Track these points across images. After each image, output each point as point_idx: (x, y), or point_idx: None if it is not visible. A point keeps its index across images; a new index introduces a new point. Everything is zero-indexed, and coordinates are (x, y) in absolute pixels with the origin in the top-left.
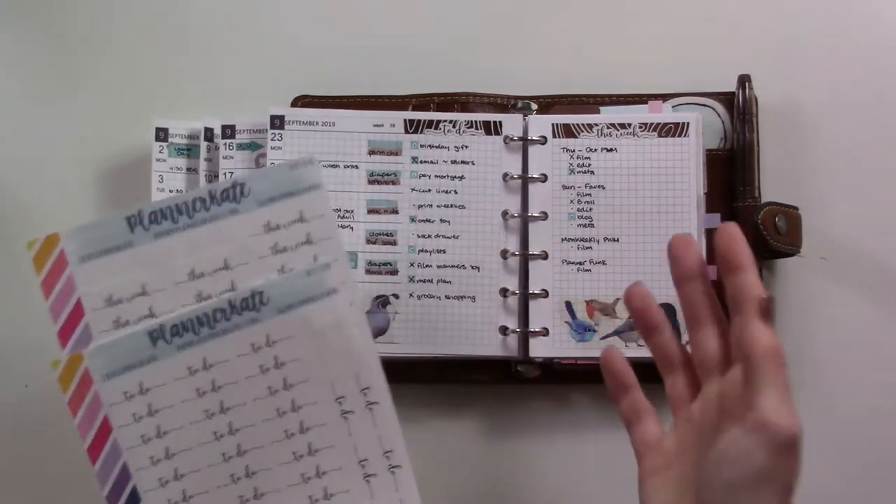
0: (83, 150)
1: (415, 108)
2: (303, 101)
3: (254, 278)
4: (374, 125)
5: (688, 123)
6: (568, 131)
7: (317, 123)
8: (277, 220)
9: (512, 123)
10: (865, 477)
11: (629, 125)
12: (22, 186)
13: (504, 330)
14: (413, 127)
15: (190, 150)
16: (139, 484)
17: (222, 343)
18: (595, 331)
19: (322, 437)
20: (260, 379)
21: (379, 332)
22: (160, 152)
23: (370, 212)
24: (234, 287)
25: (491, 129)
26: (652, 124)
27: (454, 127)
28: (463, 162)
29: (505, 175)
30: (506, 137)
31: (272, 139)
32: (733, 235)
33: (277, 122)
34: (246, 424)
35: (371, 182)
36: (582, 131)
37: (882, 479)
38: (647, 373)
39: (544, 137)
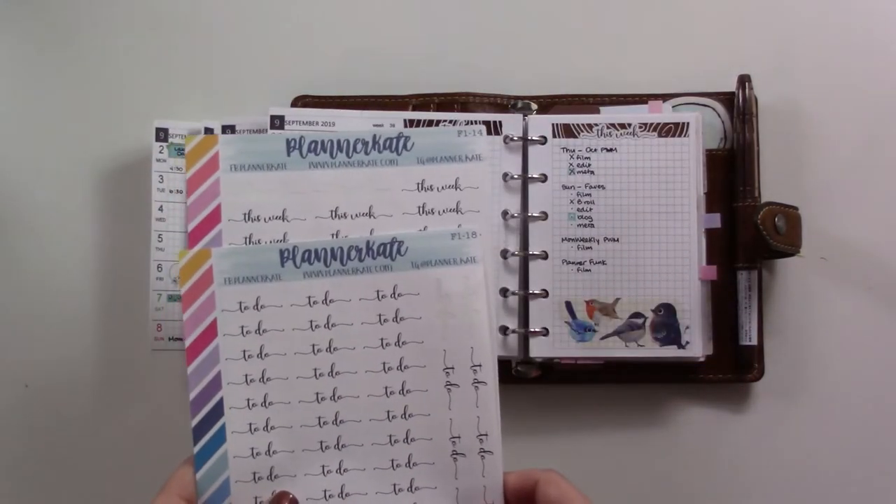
0: (83, 150)
1: (415, 108)
2: (303, 101)
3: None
4: (375, 125)
5: (688, 123)
6: (568, 131)
7: (317, 123)
8: (432, 181)
9: (512, 123)
10: (865, 477)
11: (629, 125)
12: (22, 186)
13: (504, 330)
14: (413, 127)
15: None
16: (227, 398)
17: (349, 282)
18: (595, 331)
19: (420, 404)
20: (376, 328)
21: None
22: (160, 152)
23: None
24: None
25: (491, 129)
26: (652, 124)
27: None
28: None
29: (505, 175)
30: (506, 137)
31: None
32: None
33: (277, 122)
34: (348, 370)
35: None
36: (582, 131)
37: (882, 478)
38: (647, 373)
39: (544, 137)
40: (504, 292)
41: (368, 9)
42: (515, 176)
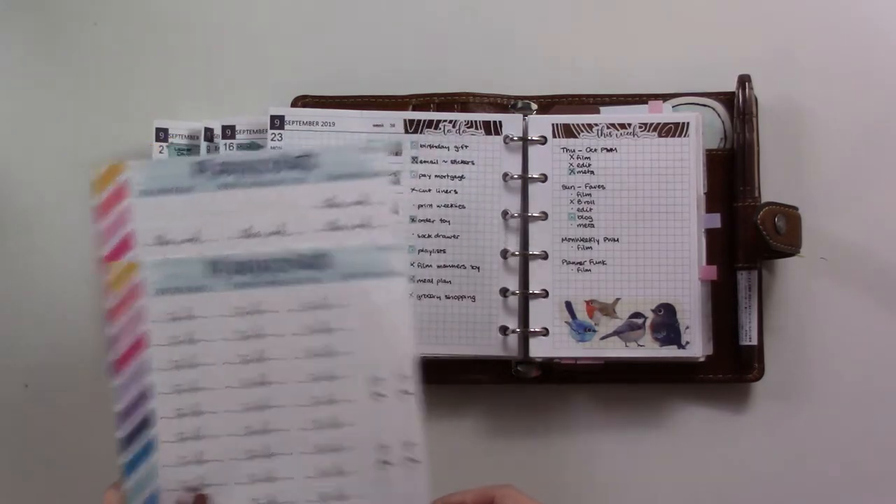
0: (83, 151)
1: (415, 108)
2: (303, 101)
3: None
4: (374, 125)
5: (688, 123)
6: (568, 131)
7: (317, 123)
8: (340, 198)
9: (512, 123)
10: (865, 476)
11: (629, 125)
12: (22, 186)
13: (504, 330)
14: (413, 127)
15: (190, 151)
16: (159, 409)
17: (279, 293)
18: (595, 331)
19: (348, 414)
20: (305, 339)
21: None
22: (160, 152)
23: None
24: None
25: (491, 129)
26: (652, 124)
27: (454, 127)
28: (463, 162)
29: (505, 175)
30: (506, 137)
31: (272, 139)
32: None
33: (277, 122)
34: (277, 380)
35: None
36: (582, 131)
37: (882, 478)
38: (647, 373)
39: (544, 137)
40: (504, 292)
41: (368, 9)
42: (515, 176)
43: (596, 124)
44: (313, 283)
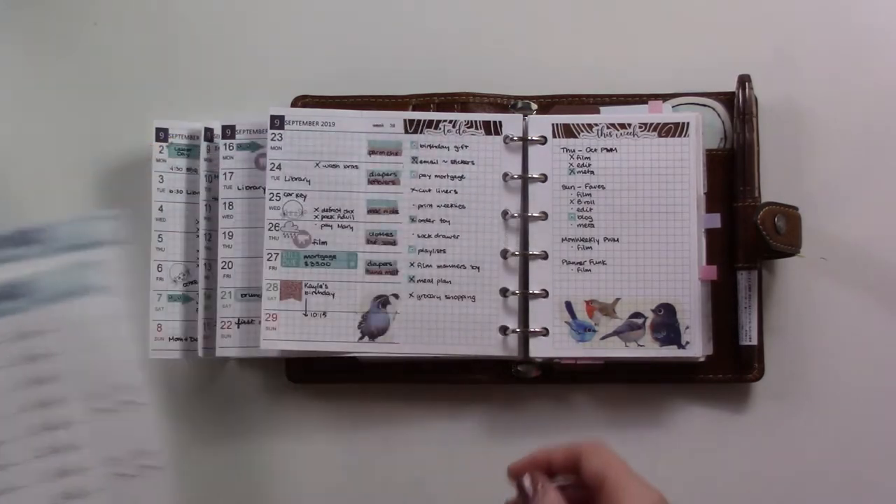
0: (83, 151)
1: (415, 108)
2: (303, 102)
3: None
4: (374, 125)
5: (688, 123)
6: (568, 131)
7: (317, 123)
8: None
9: (512, 123)
10: (865, 476)
11: (629, 125)
12: (22, 187)
13: (504, 330)
14: (413, 127)
15: (190, 151)
16: None
17: None
18: (595, 331)
19: (78, 435)
20: (17, 370)
21: (379, 332)
22: (160, 152)
23: (370, 212)
24: None
25: (491, 129)
26: (652, 124)
27: (454, 127)
28: (463, 162)
29: (505, 175)
30: (506, 137)
31: (272, 139)
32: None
33: (277, 122)
34: (1, 415)
35: (371, 182)
36: (582, 131)
37: (882, 478)
38: (647, 373)
39: (544, 137)
40: (504, 292)
41: (369, 8)
42: (515, 176)
43: (596, 124)
44: (18, 313)
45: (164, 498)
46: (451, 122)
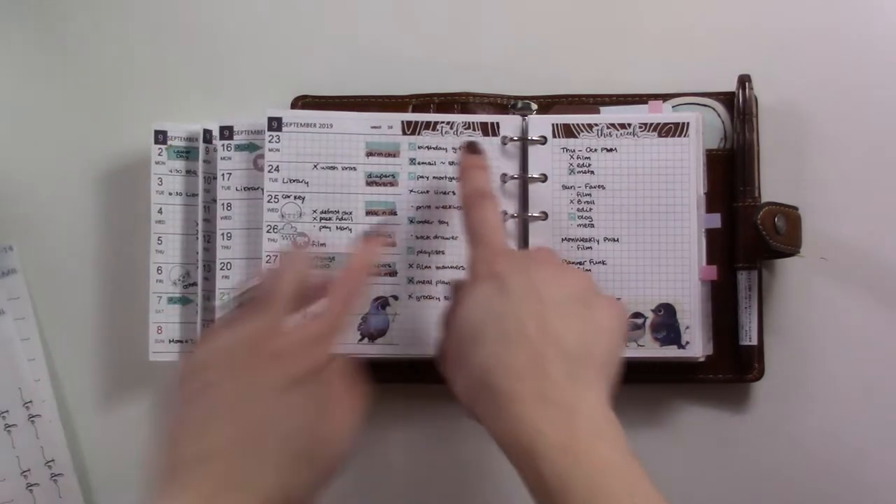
0: (82, 153)
1: (415, 108)
2: (303, 102)
3: None
4: (372, 127)
5: (688, 123)
6: (568, 131)
7: (314, 125)
8: None
9: (510, 125)
10: (865, 476)
11: (629, 125)
12: (21, 188)
13: None
14: (411, 128)
15: (189, 153)
16: None
17: None
18: None
19: None
20: None
21: (379, 333)
22: (159, 154)
23: (368, 213)
24: None
25: (489, 130)
26: (652, 124)
27: (452, 128)
28: None
29: (503, 176)
30: (503, 139)
31: (270, 141)
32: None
33: (275, 124)
34: None
35: (369, 184)
36: (582, 131)
37: (882, 478)
38: (647, 373)
39: (544, 137)
40: None
41: (369, 9)
42: (515, 176)
43: (596, 124)
44: None
45: None
46: (448, 123)
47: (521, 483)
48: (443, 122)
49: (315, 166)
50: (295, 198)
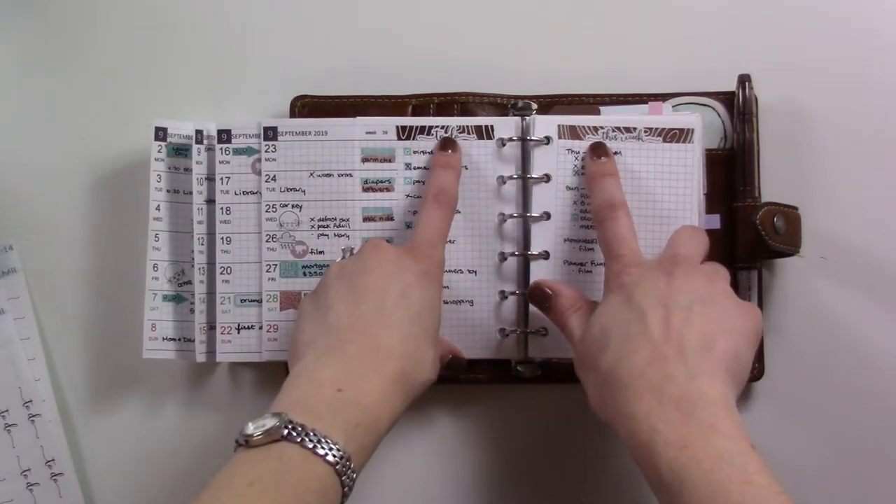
0: (81, 150)
1: (414, 108)
2: (302, 101)
3: None
4: (367, 132)
5: (693, 130)
6: (573, 133)
7: (310, 133)
8: None
9: (505, 126)
10: (865, 477)
11: (634, 129)
12: (20, 186)
13: (503, 332)
14: (406, 133)
15: (188, 151)
16: None
17: None
18: None
19: None
20: None
21: None
22: (159, 152)
23: (365, 220)
24: None
25: (483, 133)
26: (657, 129)
27: (446, 132)
28: None
29: (500, 178)
30: (501, 140)
31: (266, 150)
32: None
33: (270, 133)
34: None
35: (365, 190)
36: (587, 133)
37: (882, 478)
38: None
39: (548, 138)
40: (502, 295)
41: (368, 9)
42: (515, 176)
43: (601, 127)
44: None
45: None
46: (443, 127)
47: (522, 483)
48: (437, 127)
49: (311, 174)
50: (292, 206)
